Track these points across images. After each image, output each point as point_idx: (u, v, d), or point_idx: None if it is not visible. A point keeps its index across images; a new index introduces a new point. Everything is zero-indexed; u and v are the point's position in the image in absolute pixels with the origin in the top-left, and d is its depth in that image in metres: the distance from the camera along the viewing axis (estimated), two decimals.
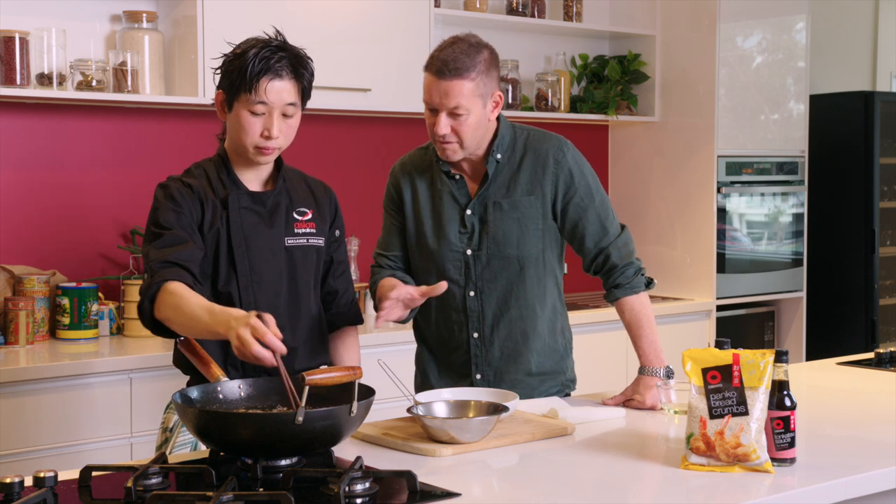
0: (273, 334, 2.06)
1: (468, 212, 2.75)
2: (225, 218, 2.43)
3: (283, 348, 2.07)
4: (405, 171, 2.85)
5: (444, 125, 2.62)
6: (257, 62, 2.37)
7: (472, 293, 2.77)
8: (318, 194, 2.60)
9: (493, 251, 2.74)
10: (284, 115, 2.42)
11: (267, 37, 2.44)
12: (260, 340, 2.05)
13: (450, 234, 2.76)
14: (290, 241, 2.49)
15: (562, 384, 2.86)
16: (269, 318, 2.10)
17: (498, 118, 2.74)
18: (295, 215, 2.51)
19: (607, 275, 2.76)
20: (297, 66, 2.43)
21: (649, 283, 2.78)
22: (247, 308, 2.41)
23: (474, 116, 2.63)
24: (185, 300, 2.23)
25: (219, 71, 2.46)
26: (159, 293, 2.27)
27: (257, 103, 2.38)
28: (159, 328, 2.32)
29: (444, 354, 2.85)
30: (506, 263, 2.74)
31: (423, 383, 2.90)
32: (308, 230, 2.52)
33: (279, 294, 2.47)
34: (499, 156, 2.73)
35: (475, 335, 2.78)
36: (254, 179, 2.50)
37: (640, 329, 2.73)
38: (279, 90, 2.39)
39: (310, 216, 2.54)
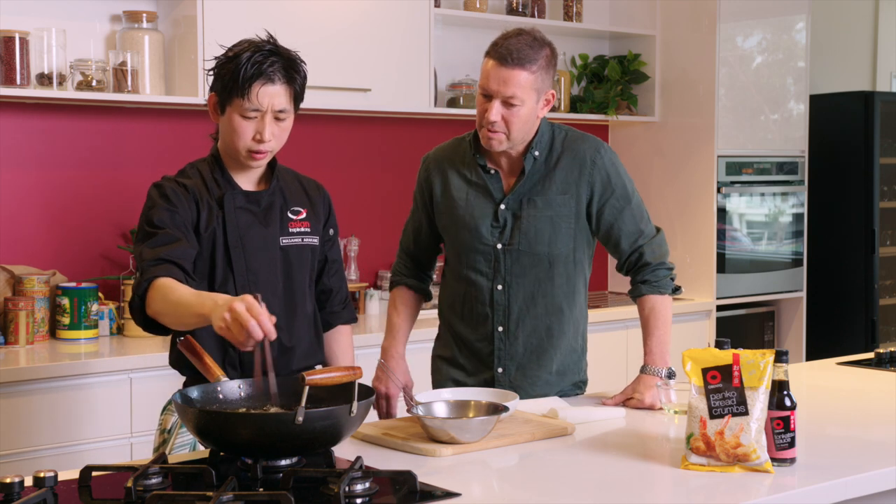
0: (267, 317, 2.04)
1: (502, 206, 2.77)
2: (221, 217, 2.43)
3: (273, 333, 2.05)
4: (438, 162, 2.87)
5: (496, 112, 2.64)
6: (249, 67, 2.36)
7: (499, 287, 2.78)
8: (312, 193, 2.60)
9: (525, 247, 2.76)
10: (277, 119, 2.41)
11: (259, 40, 2.43)
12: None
13: (482, 228, 2.78)
14: (284, 241, 2.50)
15: (575, 384, 2.87)
16: (263, 304, 2.08)
17: None
18: (289, 214, 2.52)
19: (637, 271, 2.77)
20: (290, 69, 2.41)
21: (676, 290, 2.79)
22: None
23: (527, 109, 2.66)
24: (173, 290, 2.23)
25: (211, 73, 2.45)
26: (149, 290, 2.27)
27: (250, 109, 2.38)
28: (151, 325, 2.32)
29: (469, 345, 2.85)
30: (536, 260, 2.76)
31: (446, 372, 2.90)
32: (303, 229, 2.53)
33: (275, 293, 2.47)
34: (536, 153, 2.75)
35: (500, 329, 2.79)
36: (247, 179, 2.51)
37: (654, 327, 2.74)
38: (272, 95, 2.38)
39: (304, 215, 2.54)
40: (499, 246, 2.77)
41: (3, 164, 3.85)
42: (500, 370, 2.80)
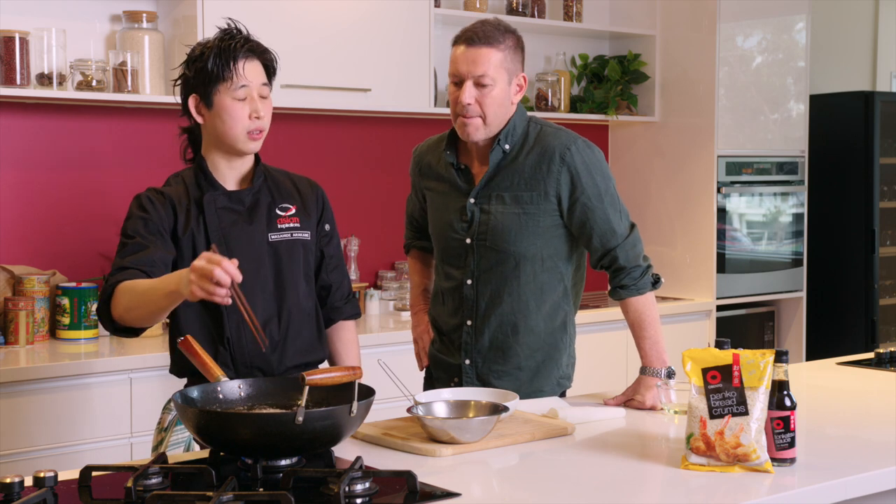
0: (227, 261, 2.08)
1: (471, 200, 2.76)
2: (201, 219, 2.45)
3: (238, 275, 2.08)
4: (421, 156, 2.93)
5: (468, 94, 2.65)
6: (225, 49, 2.44)
7: (469, 281, 2.79)
8: (303, 190, 2.62)
9: (491, 243, 2.74)
10: (261, 97, 2.48)
11: (220, 29, 2.51)
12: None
13: (453, 222, 2.79)
14: (273, 237, 2.52)
15: (557, 380, 2.84)
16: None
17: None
18: (278, 211, 2.54)
19: (613, 275, 2.75)
20: (258, 47, 2.50)
21: (656, 282, 2.76)
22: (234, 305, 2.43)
23: (499, 89, 2.66)
24: (137, 284, 2.30)
25: (178, 82, 2.51)
26: (113, 295, 2.34)
27: (239, 87, 2.43)
28: (119, 328, 2.38)
29: (443, 336, 2.88)
30: (502, 257, 2.74)
31: (429, 371, 2.96)
32: (292, 224, 2.55)
33: (265, 289, 2.49)
34: (507, 146, 2.73)
35: (468, 322, 2.80)
36: (232, 179, 2.54)
37: (642, 329, 2.73)
38: (254, 70, 2.47)
39: (293, 211, 2.56)
40: (468, 241, 2.77)
41: (3, 164, 3.85)
42: (466, 362, 2.81)
